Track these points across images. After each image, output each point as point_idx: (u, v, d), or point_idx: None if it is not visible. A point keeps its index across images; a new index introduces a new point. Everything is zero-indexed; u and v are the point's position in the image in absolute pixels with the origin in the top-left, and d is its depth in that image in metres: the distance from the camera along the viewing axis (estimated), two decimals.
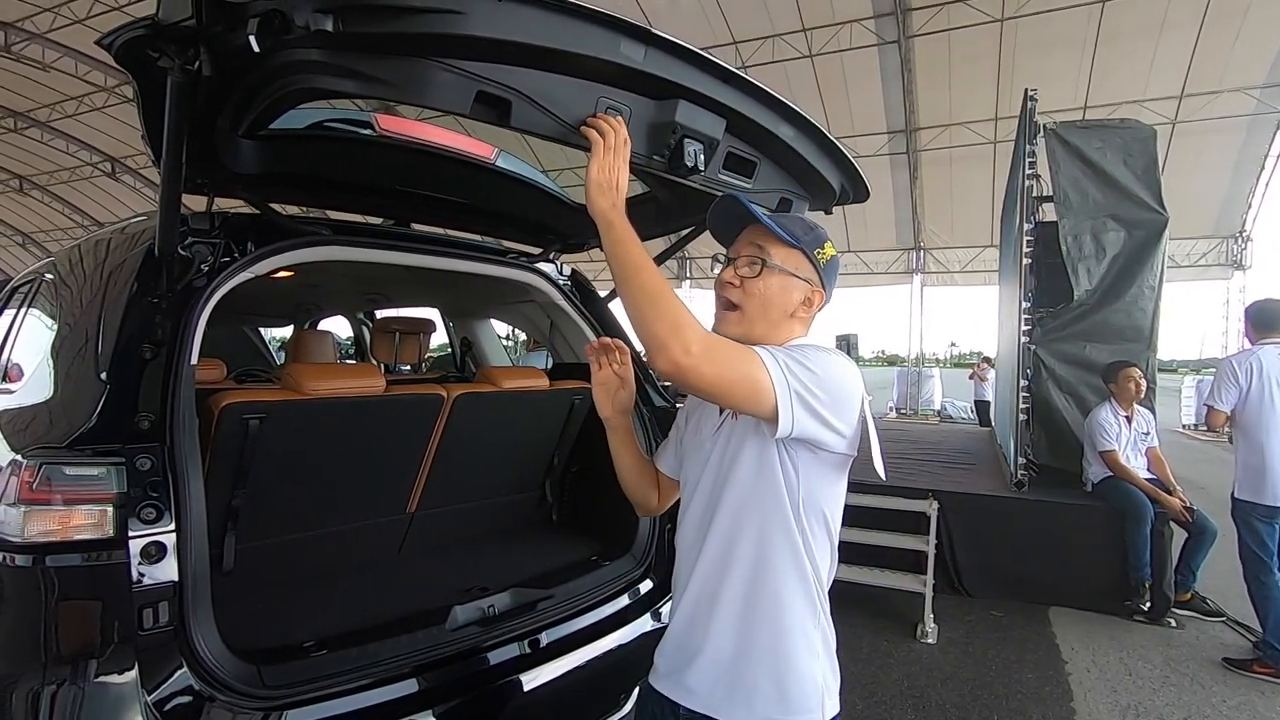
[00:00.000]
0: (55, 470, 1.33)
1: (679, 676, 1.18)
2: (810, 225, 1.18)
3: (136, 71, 1.24)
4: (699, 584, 1.18)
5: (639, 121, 1.33)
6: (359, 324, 5.01)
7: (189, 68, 1.15)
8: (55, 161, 21.38)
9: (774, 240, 1.15)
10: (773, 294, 1.15)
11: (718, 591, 1.14)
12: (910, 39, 12.17)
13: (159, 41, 1.13)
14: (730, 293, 1.17)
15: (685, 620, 1.20)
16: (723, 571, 1.14)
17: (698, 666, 1.15)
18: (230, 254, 1.74)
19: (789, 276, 1.16)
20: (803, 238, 1.16)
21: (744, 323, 1.16)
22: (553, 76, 1.22)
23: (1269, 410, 3.29)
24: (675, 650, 1.21)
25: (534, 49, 1.15)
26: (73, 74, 15.79)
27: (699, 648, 1.15)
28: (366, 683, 1.58)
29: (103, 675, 1.30)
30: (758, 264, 1.15)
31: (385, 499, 2.32)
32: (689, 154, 1.37)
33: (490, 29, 1.09)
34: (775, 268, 1.15)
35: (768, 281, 1.15)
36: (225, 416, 1.76)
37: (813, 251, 1.16)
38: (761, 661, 1.10)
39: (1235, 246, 14.27)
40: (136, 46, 1.16)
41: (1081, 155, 4.68)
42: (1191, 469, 8.05)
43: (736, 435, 1.14)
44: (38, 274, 2.29)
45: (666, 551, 2.39)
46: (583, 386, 2.57)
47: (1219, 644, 3.66)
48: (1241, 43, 11.07)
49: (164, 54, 1.15)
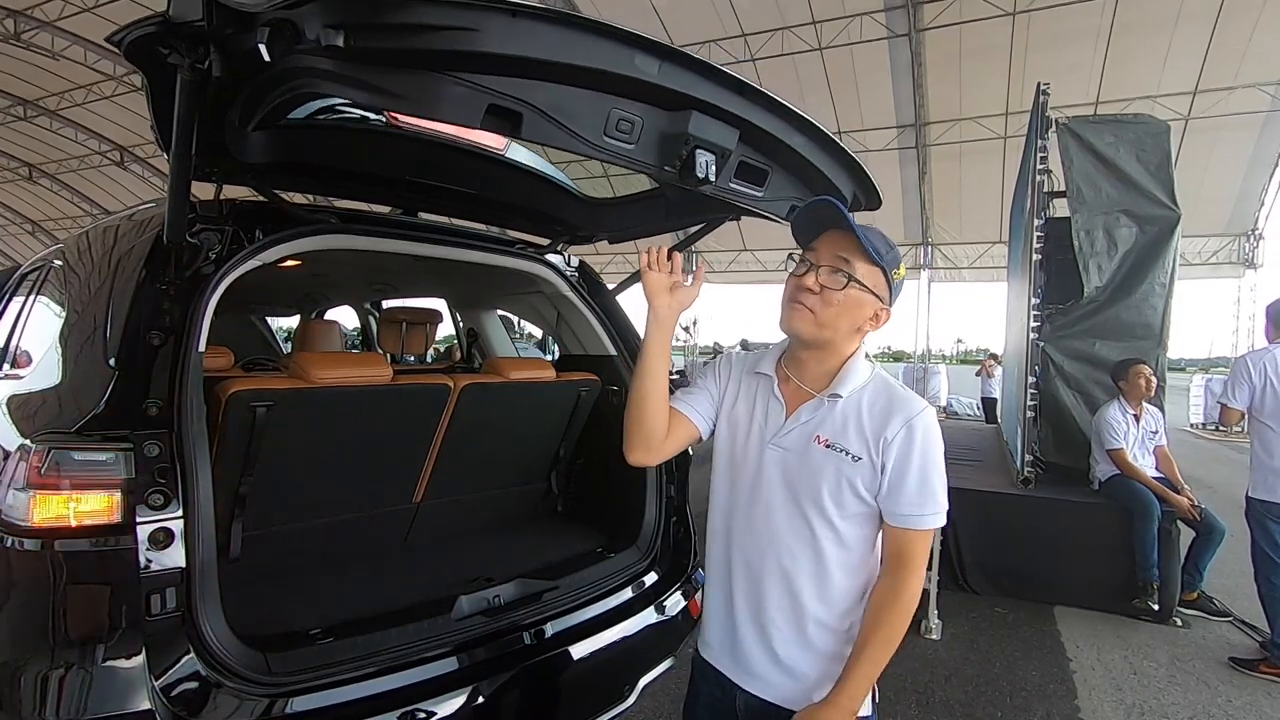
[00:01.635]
0: (64, 455, 1.33)
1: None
2: (890, 243, 1.17)
3: (146, 67, 1.23)
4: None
5: (651, 132, 1.32)
6: (366, 314, 5.01)
7: (199, 66, 1.15)
8: (64, 150, 21.45)
9: (860, 254, 1.14)
10: (849, 307, 1.15)
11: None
12: (921, 32, 12.08)
13: (169, 39, 1.13)
14: (808, 299, 1.16)
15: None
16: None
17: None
18: (238, 242, 1.74)
19: (866, 293, 1.15)
20: (885, 255, 1.15)
21: (815, 327, 1.16)
22: (564, 89, 1.21)
23: None
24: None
25: (547, 64, 1.14)
26: (82, 62, 15.81)
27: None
28: (372, 671, 1.59)
29: (110, 660, 1.31)
30: (843, 277, 1.13)
31: (391, 488, 2.32)
32: (700, 165, 1.36)
33: (503, 46, 1.08)
34: (858, 283, 1.14)
35: (848, 294, 1.14)
36: (233, 404, 1.77)
37: (890, 271, 1.16)
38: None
39: (1247, 245, 14.14)
40: (146, 43, 1.16)
41: (1094, 150, 4.63)
42: (1200, 468, 8.01)
43: (812, 465, 1.17)
44: (46, 261, 2.29)
45: (672, 544, 2.39)
46: (589, 378, 2.56)
47: (1225, 644, 3.64)
48: (1257, 38, 10.93)
49: (174, 51, 1.14)
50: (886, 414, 1.13)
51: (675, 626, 2.18)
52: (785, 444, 1.18)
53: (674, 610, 2.19)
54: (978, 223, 15.22)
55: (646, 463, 1.29)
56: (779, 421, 1.20)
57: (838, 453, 1.14)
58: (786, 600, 1.17)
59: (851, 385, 1.17)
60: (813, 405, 1.18)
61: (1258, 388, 3.31)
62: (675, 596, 2.23)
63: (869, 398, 1.16)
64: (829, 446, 1.15)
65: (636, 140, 1.31)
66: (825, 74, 13.29)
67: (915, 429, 1.12)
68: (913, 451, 1.11)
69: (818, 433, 1.16)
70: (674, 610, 2.19)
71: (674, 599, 2.22)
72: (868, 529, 1.17)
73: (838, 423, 1.15)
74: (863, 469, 1.13)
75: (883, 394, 1.16)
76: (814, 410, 1.18)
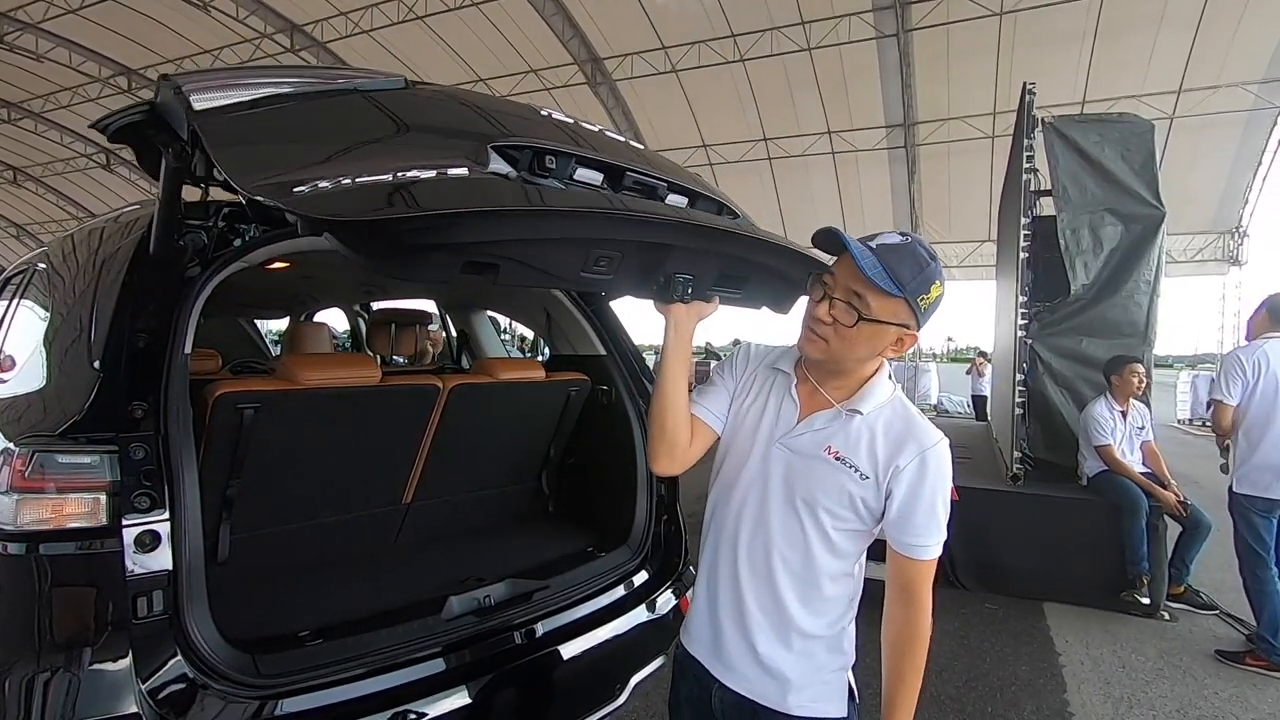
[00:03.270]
0: (48, 458, 1.32)
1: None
2: (922, 264, 1.10)
3: (133, 143, 1.25)
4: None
5: (629, 266, 1.31)
6: (355, 316, 4.99)
7: (185, 155, 1.16)
8: (49, 153, 21.24)
9: (875, 290, 1.09)
10: (865, 339, 1.12)
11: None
12: (909, 32, 12.14)
13: (155, 130, 1.15)
14: (821, 329, 1.14)
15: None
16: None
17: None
18: (225, 244, 1.73)
19: (884, 325, 1.12)
20: (908, 284, 1.08)
21: (829, 354, 1.15)
22: (545, 245, 1.21)
23: (1274, 403, 3.28)
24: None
25: (527, 239, 1.16)
26: (67, 64, 15.67)
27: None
28: (361, 672, 1.58)
29: (97, 663, 1.30)
30: (853, 314, 1.10)
31: (381, 489, 2.31)
32: (677, 288, 1.34)
33: (486, 234, 1.09)
34: (870, 320, 1.10)
35: (860, 330, 1.11)
36: (220, 406, 1.76)
37: (916, 299, 1.10)
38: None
39: (1232, 242, 14.28)
40: (132, 130, 1.17)
41: (1079, 149, 4.67)
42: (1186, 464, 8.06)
43: (817, 473, 1.16)
44: (30, 264, 2.27)
45: (663, 543, 2.39)
46: (579, 378, 2.56)
47: (1212, 637, 3.68)
48: (1240, 38, 11.05)
49: (159, 137, 1.16)
50: (901, 441, 1.12)
51: (666, 625, 2.18)
52: (794, 446, 1.18)
53: (665, 609, 2.19)
54: (966, 221, 15.29)
55: (671, 471, 1.27)
56: (791, 422, 1.20)
57: (847, 467, 1.13)
58: (770, 599, 1.17)
59: (871, 404, 1.16)
60: (829, 415, 1.17)
61: (1250, 383, 3.33)
62: (666, 595, 2.23)
63: (886, 420, 1.15)
64: (839, 459, 1.14)
65: (615, 273, 1.30)
66: (814, 74, 13.32)
67: (929, 461, 1.11)
68: (924, 483, 1.11)
69: (829, 443, 1.15)
70: (665, 609, 2.19)
71: (665, 597, 2.22)
72: (860, 544, 1.18)
73: (851, 438, 1.14)
74: (868, 488, 1.12)
75: (900, 418, 1.15)
76: (829, 420, 1.17)
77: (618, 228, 1.24)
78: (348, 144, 1.24)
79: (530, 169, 1.31)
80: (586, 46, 14.10)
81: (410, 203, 1.01)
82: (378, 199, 1.00)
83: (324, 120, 1.31)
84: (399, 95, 1.47)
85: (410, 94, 1.50)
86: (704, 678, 1.25)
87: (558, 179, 1.33)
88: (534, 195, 1.21)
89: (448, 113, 1.54)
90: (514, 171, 1.28)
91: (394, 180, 1.04)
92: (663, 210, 1.39)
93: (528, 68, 14.60)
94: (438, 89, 1.58)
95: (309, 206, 0.96)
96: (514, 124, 1.45)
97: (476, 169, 1.21)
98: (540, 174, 1.31)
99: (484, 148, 1.26)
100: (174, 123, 1.16)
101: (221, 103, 1.16)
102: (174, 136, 1.17)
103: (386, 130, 1.35)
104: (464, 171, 1.18)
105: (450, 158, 1.19)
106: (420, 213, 1.01)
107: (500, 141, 1.29)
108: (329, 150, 1.18)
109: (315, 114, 1.32)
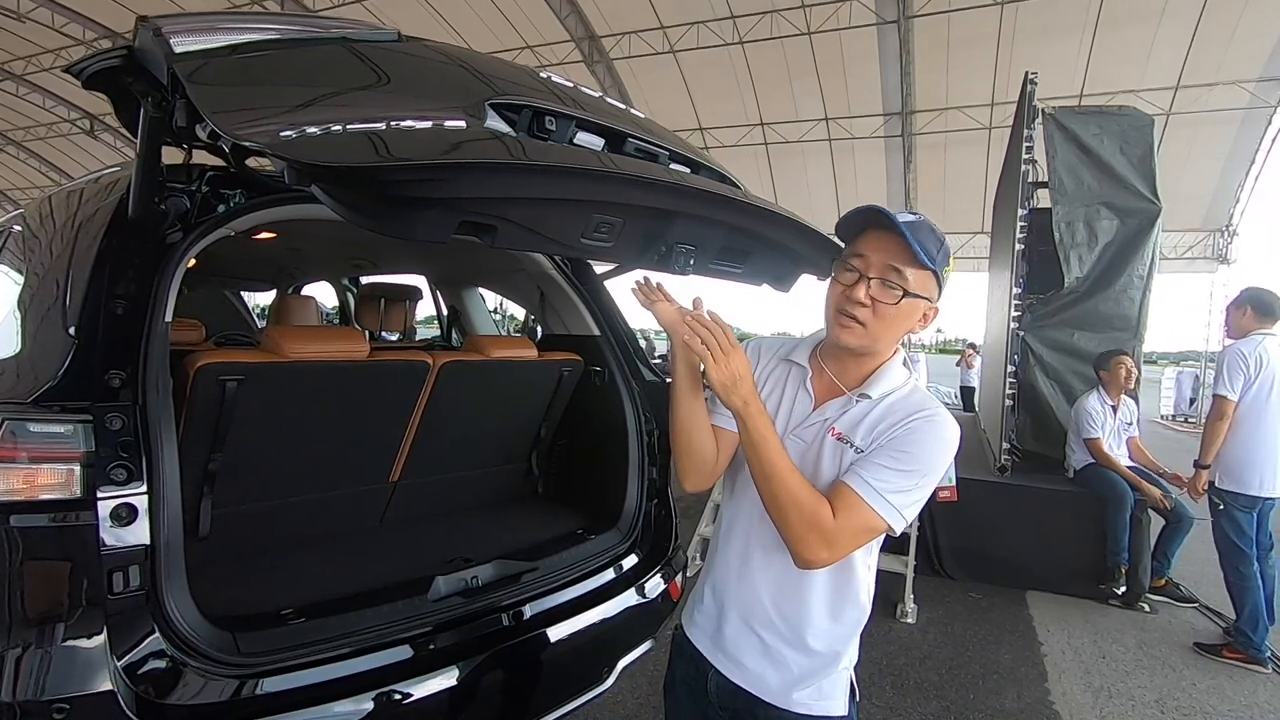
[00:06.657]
0: (20, 426, 1.27)
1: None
2: (940, 238, 1.10)
3: (109, 91, 1.18)
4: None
5: (631, 233, 1.26)
6: (344, 290, 4.92)
7: (164, 104, 1.09)
8: (31, 117, 20.73)
9: (913, 260, 1.05)
10: (903, 318, 1.10)
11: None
12: (910, 19, 12.04)
13: (133, 77, 1.08)
14: (859, 311, 1.09)
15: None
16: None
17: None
18: (209, 209, 1.67)
19: (919, 300, 1.09)
20: (937, 257, 1.07)
21: (866, 338, 1.10)
22: (546, 205, 1.15)
23: (1265, 400, 3.30)
24: None
25: (532, 200, 1.10)
26: (49, 25, 15.26)
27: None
28: (345, 652, 1.56)
29: (70, 639, 1.26)
30: (897, 290, 1.07)
31: (368, 467, 2.27)
32: (679, 260, 1.30)
33: (483, 190, 1.03)
34: (912, 295, 1.07)
35: (900, 307, 1.08)
36: (201, 377, 1.71)
37: (942, 271, 1.10)
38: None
39: (1222, 240, 14.37)
40: (108, 75, 1.10)
41: (1078, 141, 4.65)
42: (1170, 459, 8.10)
43: (824, 457, 1.13)
44: (6, 226, 2.20)
45: (653, 526, 2.37)
46: (572, 358, 2.53)
47: (1191, 629, 3.74)
48: (1239, 35, 11.04)
49: (136, 84, 1.09)
50: (902, 412, 1.10)
51: (655, 609, 2.17)
52: (805, 436, 1.16)
53: (654, 593, 2.18)
54: (961, 213, 15.29)
55: (703, 487, 1.24)
56: (804, 414, 1.18)
57: (844, 444, 1.11)
58: (794, 597, 1.15)
59: (882, 388, 1.13)
60: (840, 402, 1.15)
61: (1251, 379, 3.33)
62: (655, 579, 2.21)
63: (894, 401, 1.12)
64: (839, 439, 1.12)
65: (615, 241, 1.25)
66: (814, 59, 13.21)
67: (917, 420, 1.08)
68: (907, 435, 1.07)
69: (835, 425, 1.13)
70: (654, 593, 2.18)
71: (654, 582, 2.20)
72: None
73: (855, 418, 1.12)
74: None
75: (909, 399, 1.12)
76: (839, 408, 1.15)
77: (620, 190, 1.19)
78: (338, 92, 1.18)
79: (529, 130, 1.25)
80: (584, 23, 13.89)
81: (406, 152, 0.96)
82: (371, 147, 0.94)
83: (313, 68, 1.24)
84: (393, 48, 1.40)
85: (405, 47, 1.43)
86: (701, 661, 1.24)
87: (558, 141, 1.28)
88: (535, 152, 1.16)
89: (444, 69, 1.46)
90: (512, 132, 1.22)
91: (388, 129, 0.98)
92: (668, 175, 1.34)
93: (523, 43, 14.37)
94: (433, 44, 1.50)
95: (296, 152, 0.90)
96: (512, 84, 1.39)
97: (474, 124, 1.16)
98: (539, 135, 1.26)
99: (482, 104, 1.21)
100: (153, 68, 1.09)
101: (204, 46, 1.09)
102: (153, 83, 1.10)
103: (379, 81, 1.27)
104: (461, 124, 1.12)
105: (447, 111, 1.14)
106: (417, 161, 0.95)
107: (498, 99, 1.24)
108: (319, 98, 1.12)
109: (304, 61, 1.25)
